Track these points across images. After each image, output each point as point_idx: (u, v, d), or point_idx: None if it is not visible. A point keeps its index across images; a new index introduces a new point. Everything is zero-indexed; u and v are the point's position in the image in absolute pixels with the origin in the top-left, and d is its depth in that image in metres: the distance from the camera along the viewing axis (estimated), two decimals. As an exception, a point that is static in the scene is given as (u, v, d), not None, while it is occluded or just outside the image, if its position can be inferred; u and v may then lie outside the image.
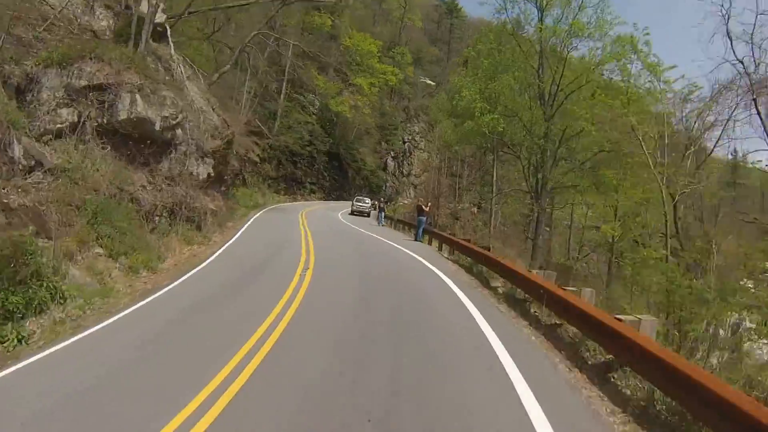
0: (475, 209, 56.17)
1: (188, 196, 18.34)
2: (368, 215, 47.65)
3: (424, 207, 27.33)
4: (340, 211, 47.92)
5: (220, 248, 17.78)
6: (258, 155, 53.38)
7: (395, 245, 22.85)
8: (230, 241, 19.54)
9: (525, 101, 39.16)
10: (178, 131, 18.64)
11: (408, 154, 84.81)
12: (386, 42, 79.95)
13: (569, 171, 39.30)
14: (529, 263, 37.21)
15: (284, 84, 59.72)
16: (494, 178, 46.80)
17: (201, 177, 20.09)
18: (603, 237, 47.45)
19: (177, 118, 18.35)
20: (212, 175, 21.58)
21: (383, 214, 39.75)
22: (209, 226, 19.93)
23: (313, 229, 26.46)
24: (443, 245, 22.71)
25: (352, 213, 47.74)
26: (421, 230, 26.80)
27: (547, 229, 40.87)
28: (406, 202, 68.43)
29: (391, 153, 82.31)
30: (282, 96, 59.54)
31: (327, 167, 66.76)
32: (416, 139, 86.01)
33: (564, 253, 51.66)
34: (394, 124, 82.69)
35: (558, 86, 36.70)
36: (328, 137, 66.62)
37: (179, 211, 17.80)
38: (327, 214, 43.16)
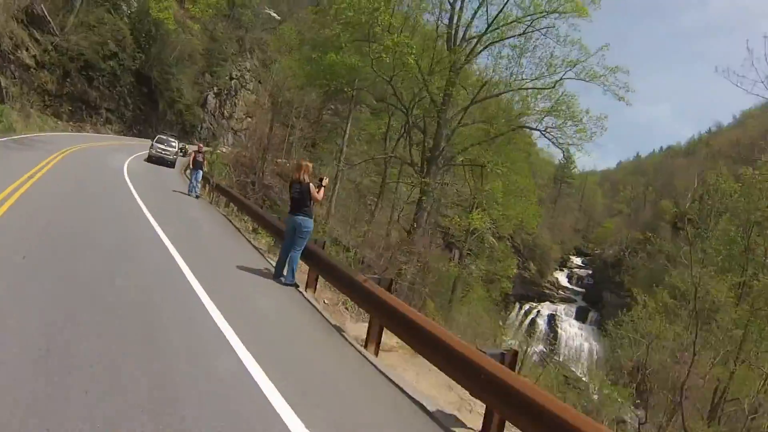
0: (306, 169, 46.52)
1: None
2: (172, 165, 32.95)
3: (314, 188, 10.10)
4: (134, 154, 32.57)
5: None
6: (34, 57, 37.54)
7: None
8: None
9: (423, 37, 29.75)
10: None
11: (233, 93, 72.35)
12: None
13: (481, 141, 30.17)
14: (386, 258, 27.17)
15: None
16: (345, 135, 36.11)
17: None
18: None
19: None
20: None
21: (199, 174, 23.31)
22: None
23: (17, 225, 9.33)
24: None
25: (150, 159, 32.29)
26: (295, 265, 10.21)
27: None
28: (224, 149, 54.58)
29: (214, 88, 69.25)
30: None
31: (132, 92, 51.47)
32: (246, 77, 73.86)
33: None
34: (224, 55, 69.03)
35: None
36: (140, 53, 51.05)
37: None
38: (106, 161, 26.68)
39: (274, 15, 76.39)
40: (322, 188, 10.32)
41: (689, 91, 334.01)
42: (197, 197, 22.15)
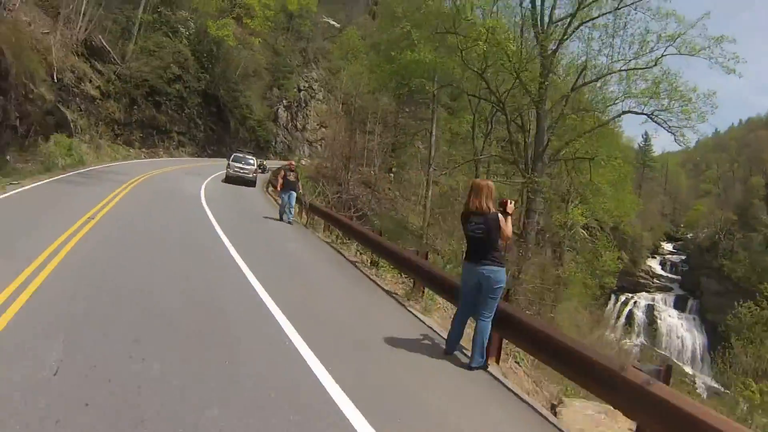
0: (391, 176, 45.94)
1: None
2: (253, 183, 30.63)
3: (503, 220, 6.43)
4: (210, 175, 30.56)
5: None
6: (98, 87, 36.41)
7: None
8: None
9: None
10: None
11: (303, 105, 71.16)
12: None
13: (584, 132, 27.29)
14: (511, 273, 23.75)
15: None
16: (432, 137, 33.88)
17: None
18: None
19: None
20: None
21: (293, 197, 19.24)
22: None
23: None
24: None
25: (228, 179, 30.18)
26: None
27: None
28: (304, 162, 52.54)
29: (284, 101, 68.13)
30: (141, 6, 42.26)
31: (202, 113, 50.30)
32: (314, 87, 72.69)
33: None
34: (289, 68, 67.96)
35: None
36: (204, 73, 49.97)
37: None
38: (180, 187, 23.71)
39: (334, 23, 75.18)
40: (509, 218, 6.54)
41: (753, 57, 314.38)
42: (290, 222, 19.05)
